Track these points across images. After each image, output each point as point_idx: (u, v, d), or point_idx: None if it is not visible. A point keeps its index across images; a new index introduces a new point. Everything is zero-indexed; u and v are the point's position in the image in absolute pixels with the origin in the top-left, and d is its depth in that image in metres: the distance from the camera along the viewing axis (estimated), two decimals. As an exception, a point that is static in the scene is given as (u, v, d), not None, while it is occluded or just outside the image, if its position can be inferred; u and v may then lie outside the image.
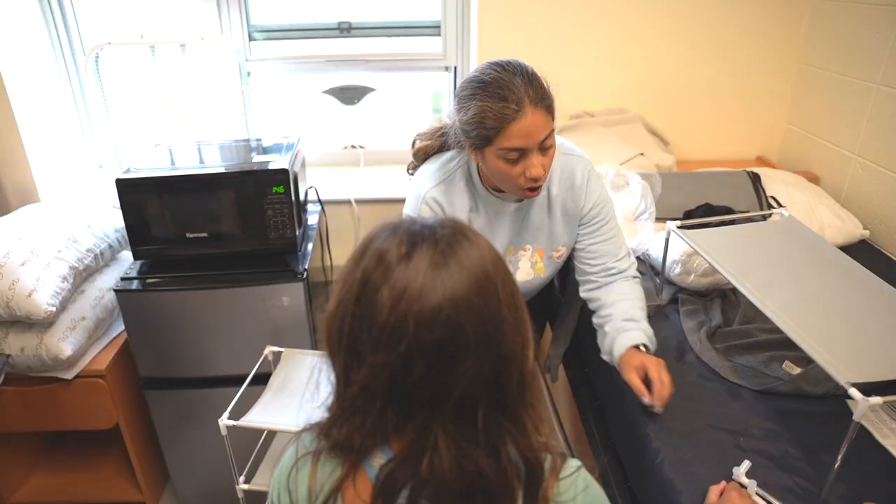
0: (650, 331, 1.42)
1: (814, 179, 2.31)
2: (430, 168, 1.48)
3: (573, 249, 1.56)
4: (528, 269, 1.55)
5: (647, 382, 1.31)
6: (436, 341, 0.67)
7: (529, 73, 1.26)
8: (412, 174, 1.57)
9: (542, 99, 1.24)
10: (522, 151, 1.26)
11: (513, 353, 0.72)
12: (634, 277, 1.53)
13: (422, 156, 1.54)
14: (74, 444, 2.27)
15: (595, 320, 1.52)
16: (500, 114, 1.23)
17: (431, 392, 0.69)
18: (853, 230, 1.99)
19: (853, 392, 1.05)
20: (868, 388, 1.05)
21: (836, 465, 1.10)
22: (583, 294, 1.57)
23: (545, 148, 1.28)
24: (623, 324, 1.42)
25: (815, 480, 1.17)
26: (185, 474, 2.10)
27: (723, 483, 1.12)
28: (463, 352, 0.68)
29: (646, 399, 1.29)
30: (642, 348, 1.38)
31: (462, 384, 0.69)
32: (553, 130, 1.28)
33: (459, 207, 1.45)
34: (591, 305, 1.54)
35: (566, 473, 0.77)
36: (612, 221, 1.53)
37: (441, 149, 1.51)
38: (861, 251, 1.96)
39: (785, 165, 2.53)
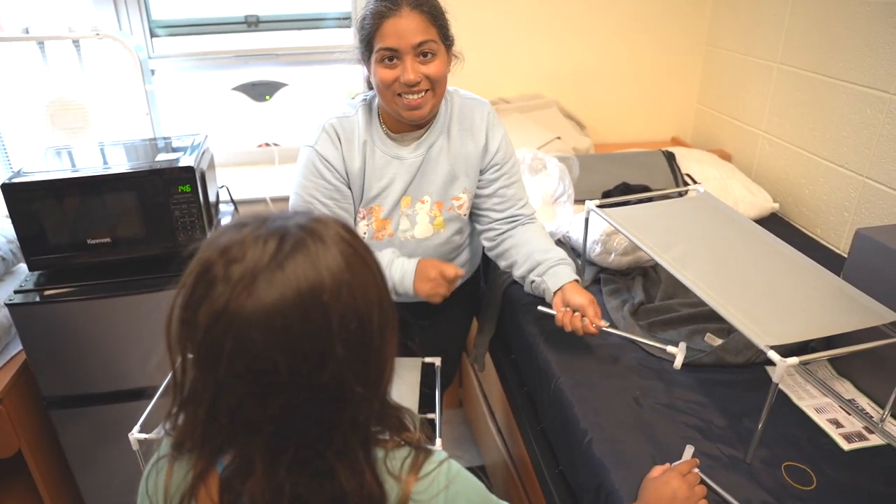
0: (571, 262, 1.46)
1: (726, 157, 2.37)
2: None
3: (476, 196, 1.55)
4: (427, 225, 1.52)
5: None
6: (248, 361, 0.63)
7: None
8: None
9: (422, 4, 1.28)
10: (397, 54, 1.29)
11: (338, 390, 0.66)
12: (533, 220, 1.56)
13: None
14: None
15: (516, 272, 1.52)
16: (376, 11, 1.28)
17: (247, 415, 0.65)
18: (764, 203, 2.04)
19: (772, 354, 1.06)
20: (785, 352, 1.07)
21: (759, 429, 1.11)
22: (487, 245, 1.59)
23: (425, 55, 1.30)
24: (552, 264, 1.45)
25: (739, 447, 1.18)
26: (102, 499, 1.96)
27: (667, 465, 1.10)
28: (276, 376, 0.63)
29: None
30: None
31: (275, 412, 0.65)
32: (435, 41, 1.31)
33: (357, 138, 1.45)
34: (502, 260, 1.56)
35: (427, 470, 0.72)
36: (516, 166, 1.55)
37: None
38: (772, 223, 2.02)
39: (699, 144, 2.60)
